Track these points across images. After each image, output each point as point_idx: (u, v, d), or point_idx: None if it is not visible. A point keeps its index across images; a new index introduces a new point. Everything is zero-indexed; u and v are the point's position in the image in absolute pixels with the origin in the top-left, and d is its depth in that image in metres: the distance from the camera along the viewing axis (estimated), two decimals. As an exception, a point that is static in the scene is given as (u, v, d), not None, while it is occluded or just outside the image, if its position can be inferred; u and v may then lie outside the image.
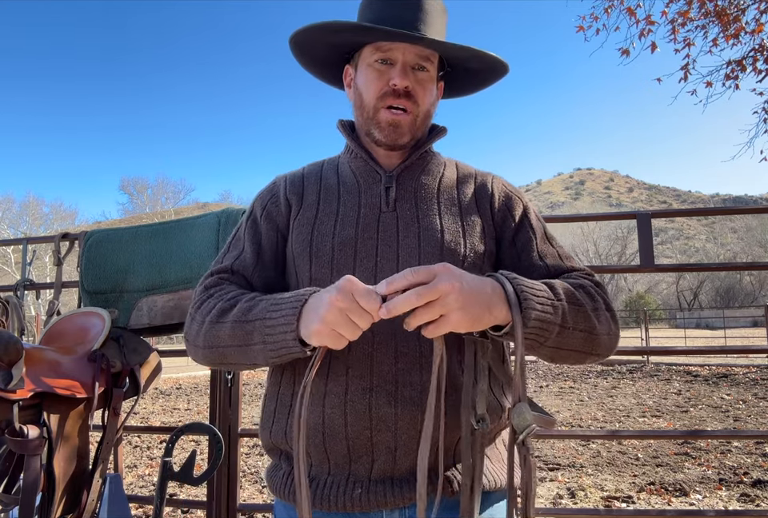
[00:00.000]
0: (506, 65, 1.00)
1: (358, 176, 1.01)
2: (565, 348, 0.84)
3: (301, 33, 0.97)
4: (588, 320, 0.84)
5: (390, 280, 0.72)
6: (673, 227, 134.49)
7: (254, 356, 0.84)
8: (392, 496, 0.83)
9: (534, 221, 1.01)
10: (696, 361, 13.17)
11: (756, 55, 5.60)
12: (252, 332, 0.82)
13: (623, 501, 3.90)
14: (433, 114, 1.02)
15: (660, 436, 2.79)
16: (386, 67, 0.94)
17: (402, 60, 0.94)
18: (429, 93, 0.97)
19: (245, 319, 0.83)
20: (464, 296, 0.72)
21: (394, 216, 0.95)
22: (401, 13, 0.93)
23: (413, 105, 0.94)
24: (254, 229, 1.01)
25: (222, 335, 0.85)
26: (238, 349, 0.85)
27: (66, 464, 1.33)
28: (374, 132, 0.97)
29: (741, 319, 31.61)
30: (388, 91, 0.94)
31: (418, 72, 0.95)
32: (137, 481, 4.71)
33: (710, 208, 2.27)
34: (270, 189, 1.05)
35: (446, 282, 0.71)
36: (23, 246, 2.26)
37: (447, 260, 0.90)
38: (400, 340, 0.86)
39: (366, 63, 0.97)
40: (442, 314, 0.71)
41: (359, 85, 0.98)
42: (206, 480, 1.61)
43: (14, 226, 40.14)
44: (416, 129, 0.97)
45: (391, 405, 0.84)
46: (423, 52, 0.94)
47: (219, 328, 0.86)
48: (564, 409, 7.74)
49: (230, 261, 0.98)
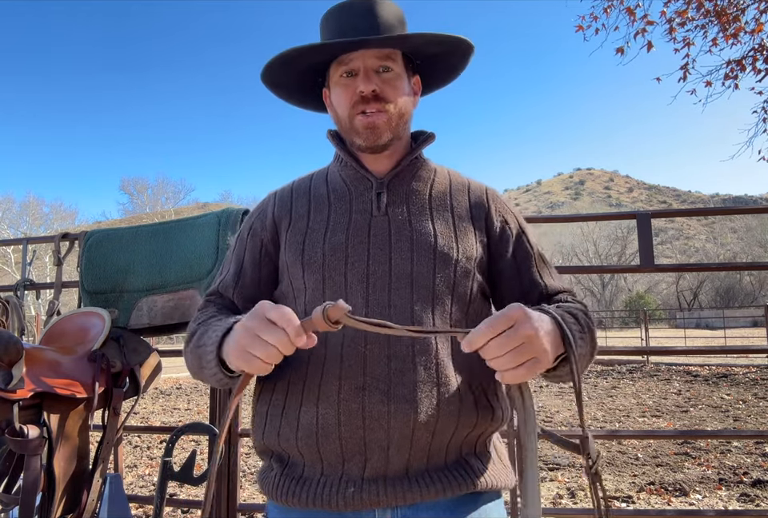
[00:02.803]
0: (466, 41, 1.00)
1: (349, 183, 1.02)
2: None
3: (266, 74, 1.01)
4: (593, 346, 0.90)
5: (471, 340, 0.72)
6: (673, 227, 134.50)
7: (209, 381, 0.90)
8: (385, 495, 0.84)
9: (530, 237, 1.04)
10: (696, 361, 13.17)
11: (755, 55, 5.60)
12: (200, 358, 0.89)
13: (623, 501, 3.90)
14: (411, 111, 1.02)
15: (660, 436, 2.79)
16: (352, 79, 0.97)
17: (362, 67, 0.96)
18: (399, 91, 0.98)
19: (196, 345, 0.91)
20: (545, 338, 0.74)
21: (386, 220, 0.96)
22: (354, 24, 0.95)
23: (385, 105, 0.96)
24: (241, 249, 1.05)
25: (188, 360, 0.94)
26: (200, 372, 0.91)
27: (66, 464, 1.34)
28: (355, 140, 0.99)
29: (741, 319, 31.60)
30: (357, 99, 0.96)
31: (383, 73, 0.97)
32: (137, 481, 4.71)
33: (710, 208, 2.27)
34: (260, 206, 1.09)
35: (528, 328, 0.72)
36: (23, 246, 2.26)
37: (439, 264, 0.93)
38: (393, 340, 0.87)
39: (334, 81, 1.00)
40: (534, 357, 0.73)
41: (334, 103, 1.01)
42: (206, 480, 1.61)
43: (14, 226, 40.14)
44: (394, 127, 0.98)
45: (384, 404, 0.84)
46: (382, 53, 0.96)
47: (187, 354, 0.95)
48: (564, 409, 7.74)
49: (216, 284, 1.05)
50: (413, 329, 0.73)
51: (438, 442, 0.87)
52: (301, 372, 0.91)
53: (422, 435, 0.85)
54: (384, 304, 0.89)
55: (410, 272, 0.91)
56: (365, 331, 0.82)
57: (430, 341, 0.89)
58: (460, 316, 0.94)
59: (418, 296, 0.90)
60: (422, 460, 0.87)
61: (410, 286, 0.91)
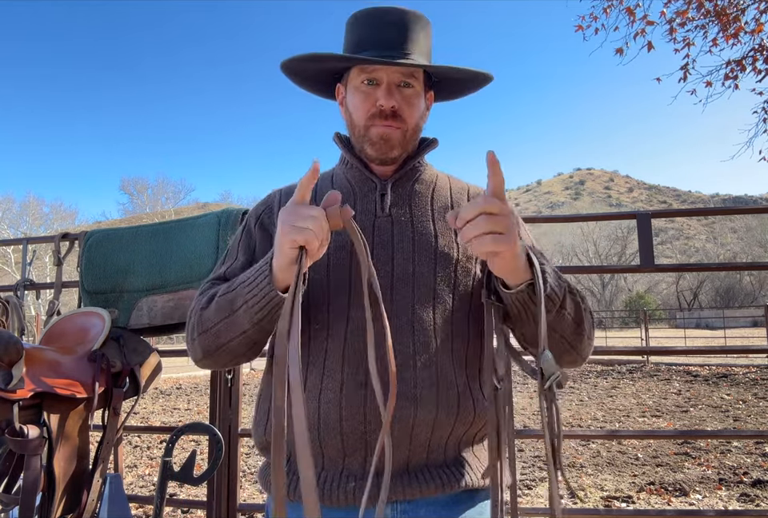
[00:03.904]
0: (487, 75, 1.03)
1: (354, 184, 1.04)
2: (557, 330, 0.88)
3: (288, 62, 1.02)
4: (579, 311, 0.90)
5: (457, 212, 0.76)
6: (673, 227, 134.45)
7: (240, 323, 0.87)
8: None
9: (524, 236, 1.04)
10: (696, 361, 13.17)
11: (756, 55, 5.60)
12: (235, 298, 0.86)
13: (623, 501, 3.90)
14: (422, 127, 1.05)
15: (660, 436, 2.79)
16: (372, 88, 0.98)
17: (386, 80, 0.97)
18: (416, 109, 1.00)
19: (226, 291, 0.88)
20: (517, 244, 0.76)
21: (389, 220, 0.98)
22: (382, 35, 0.96)
23: (401, 123, 0.98)
24: (248, 239, 1.05)
25: (210, 316, 0.90)
26: (226, 322, 0.88)
27: (66, 464, 1.34)
28: (366, 148, 1.00)
29: (741, 319, 31.60)
30: (375, 112, 0.97)
31: (404, 89, 0.98)
32: (137, 481, 4.71)
33: (710, 208, 2.27)
34: (265, 202, 1.09)
35: (510, 219, 0.75)
36: (23, 246, 2.26)
37: (440, 264, 0.95)
38: (395, 337, 0.89)
39: (354, 85, 1.00)
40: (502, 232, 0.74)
41: (349, 107, 1.02)
42: (206, 480, 1.61)
43: (14, 226, 40.13)
44: (406, 143, 1.00)
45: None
46: (408, 70, 0.97)
47: (207, 311, 0.91)
48: (564, 409, 7.74)
49: (223, 270, 1.03)
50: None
51: (437, 438, 0.89)
52: (303, 368, 0.92)
53: (421, 431, 0.87)
54: (387, 302, 0.90)
55: (411, 272, 0.94)
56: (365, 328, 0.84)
57: (430, 339, 0.91)
58: (461, 315, 0.96)
59: (419, 295, 0.93)
60: (421, 455, 0.89)
61: (411, 286, 0.93)
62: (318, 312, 0.93)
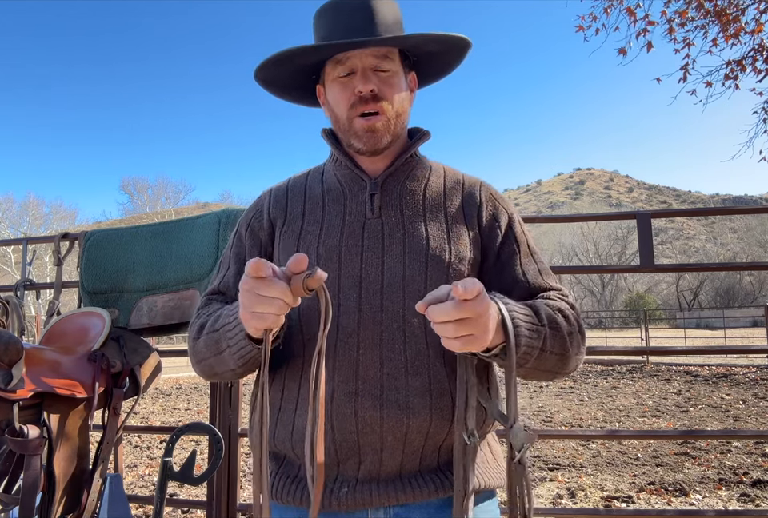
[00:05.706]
0: (465, 39, 0.99)
1: (343, 184, 1.02)
2: (540, 369, 0.89)
3: (260, 72, 1.01)
4: (563, 343, 0.88)
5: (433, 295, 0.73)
6: (673, 227, 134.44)
7: (227, 362, 0.88)
8: (377, 495, 0.85)
9: (518, 233, 1.02)
10: (696, 361, 13.17)
11: (756, 55, 5.60)
12: (219, 340, 0.87)
13: (623, 501, 3.90)
14: (408, 108, 1.02)
15: (660, 436, 2.79)
16: (349, 78, 0.96)
17: (360, 66, 0.95)
18: (397, 89, 0.97)
19: (213, 329, 0.89)
20: (491, 321, 0.74)
21: (379, 223, 0.96)
22: (349, 22, 0.94)
23: (384, 105, 0.95)
24: (239, 247, 1.04)
25: (202, 348, 0.92)
26: (215, 358, 0.90)
27: (66, 464, 1.34)
28: (353, 142, 0.98)
29: (741, 319, 31.59)
30: (356, 100, 0.95)
31: (381, 72, 0.96)
32: (137, 481, 4.71)
33: (710, 208, 2.27)
34: (256, 205, 1.07)
35: (484, 304, 0.72)
36: (23, 246, 2.26)
37: (432, 267, 0.93)
38: (386, 345, 0.88)
39: (331, 79, 0.99)
40: (473, 334, 0.73)
41: (331, 102, 1.00)
42: (206, 480, 1.61)
43: (14, 226, 40.15)
44: (393, 128, 0.98)
45: (377, 409, 0.85)
46: (379, 51, 0.95)
47: (199, 342, 0.92)
48: (564, 409, 7.74)
49: (217, 283, 1.03)
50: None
51: (430, 445, 0.88)
52: (296, 375, 0.91)
53: (414, 438, 0.86)
54: (376, 308, 0.89)
55: (402, 276, 0.91)
56: (358, 337, 0.87)
57: (422, 346, 0.89)
58: None
59: (410, 300, 0.90)
60: (414, 461, 0.88)
61: (401, 290, 0.91)
62: (309, 321, 0.92)
